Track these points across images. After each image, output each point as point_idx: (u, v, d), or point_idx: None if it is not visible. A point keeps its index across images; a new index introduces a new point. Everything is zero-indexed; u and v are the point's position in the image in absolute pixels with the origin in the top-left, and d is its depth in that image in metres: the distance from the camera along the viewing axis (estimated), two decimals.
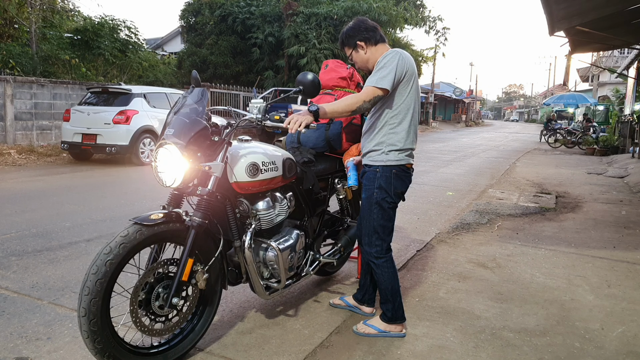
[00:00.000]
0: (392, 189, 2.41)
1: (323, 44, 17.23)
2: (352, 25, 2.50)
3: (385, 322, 2.55)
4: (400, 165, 2.42)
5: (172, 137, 2.09)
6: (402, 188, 2.46)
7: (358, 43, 2.47)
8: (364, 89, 2.33)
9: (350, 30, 2.49)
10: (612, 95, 23.57)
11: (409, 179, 2.48)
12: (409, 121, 2.41)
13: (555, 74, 60.69)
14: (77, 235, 4.34)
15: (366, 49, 2.48)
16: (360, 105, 2.28)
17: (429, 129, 31.22)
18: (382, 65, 2.32)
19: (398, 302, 2.53)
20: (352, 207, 3.41)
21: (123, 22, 16.07)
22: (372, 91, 2.29)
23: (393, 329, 2.54)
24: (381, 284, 2.53)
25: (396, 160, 2.41)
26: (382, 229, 2.46)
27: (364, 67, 2.55)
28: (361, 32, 2.46)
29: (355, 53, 2.51)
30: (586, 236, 4.78)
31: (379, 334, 2.54)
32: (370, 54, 2.48)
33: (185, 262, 2.10)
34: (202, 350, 2.34)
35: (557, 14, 5.94)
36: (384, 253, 2.50)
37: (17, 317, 2.67)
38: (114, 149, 9.11)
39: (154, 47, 27.00)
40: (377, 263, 2.50)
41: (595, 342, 2.54)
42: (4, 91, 10.73)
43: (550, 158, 13.81)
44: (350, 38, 2.49)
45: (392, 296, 2.51)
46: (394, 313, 2.52)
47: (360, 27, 2.46)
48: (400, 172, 2.43)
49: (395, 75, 2.29)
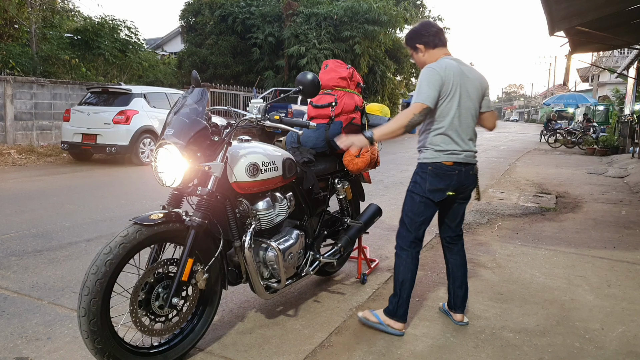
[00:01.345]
0: (427, 185, 2.48)
1: (323, 44, 17.22)
2: (416, 28, 2.62)
3: (386, 315, 2.58)
4: (436, 162, 2.48)
5: (172, 137, 2.09)
6: (440, 185, 2.48)
7: (417, 46, 2.58)
8: (413, 105, 2.40)
9: (412, 32, 2.61)
10: (612, 95, 23.58)
11: (451, 177, 2.49)
12: (447, 124, 2.46)
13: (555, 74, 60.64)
14: (77, 235, 4.34)
15: (424, 52, 2.57)
16: (410, 120, 2.37)
17: None
18: (420, 81, 2.44)
19: (403, 300, 2.55)
20: (352, 207, 3.42)
21: (123, 22, 16.09)
22: (418, 106, 2.39)
23: (392, 325, 2.56)
24: (395, 275, 2.59)
25: (432, 157, 2.49)
26: (410, 221, 2.54)
27: (421, 66, 2.60)
28: (422, 35, 2.56)
29: (415, 54, 2.63)
30: (586, 236, 4.78)
31: (379, 324, 2.59)
32: (427, 57, 2.57)
33: (185, 262, 2.10)
34: (202, 350, 2.34)
35: (557, 14, 5.93)
36: (407, 246, 2.55)
37: (17, 317, 2.67)
38: (114, 149, 9.11)
39: (154, 47, 26.99)
40: (398, 253, 2.58)
41: (595, 342, 2.54)
42: (4, 91, 10.73)
43: (550, 158, 13.82)
44: (410, 40, 2.61)
45: (400, 290, 2.55)
46: (396, 308, 2.55)
47: (422, 31, 2.57)
48: (437, 169, 2.48)
49: (433, 91, 2.39)
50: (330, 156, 3.11)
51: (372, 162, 3.14)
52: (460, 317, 2.73)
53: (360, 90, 3.18)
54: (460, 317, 2.73)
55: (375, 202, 3.53)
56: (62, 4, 17.64)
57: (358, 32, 17.38)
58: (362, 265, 3.46)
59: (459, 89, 2.45)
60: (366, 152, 3.08)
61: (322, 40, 17.26)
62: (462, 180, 2.52)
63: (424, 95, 2.38)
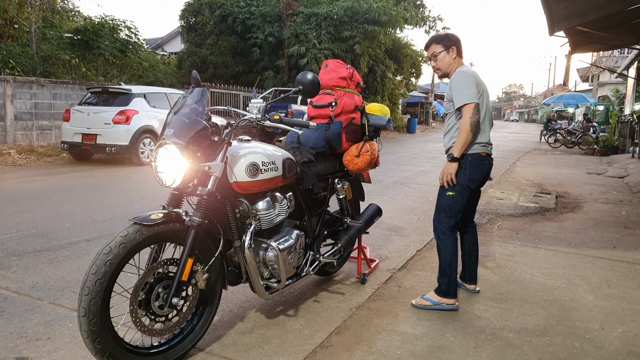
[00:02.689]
0: (467, 173, 2.81)
1: (323, 44, 17.22)
2: (454, 35, 2.98)
3: (439, 295, 2.89)
4: (475, 153, 2.83)
5: (172, 137, 2.09)
6: (477, 174, 2.84)
7: (453, 47, 2.92)
8: (465, 109, 2.74)
9: (452, 35, 2.97)
10: (612, 95, 23.57)
11: (484, 166, 2.88)
12: (481, 120, 2.81)
13: (555, 74, 60.70)
14: (77, 235, 4.34)
15: (455, 55, 2.93)
16: (471, 122, 2.72)
17: (429, 129, 31.22)
18: (459, 84, 2.80)
19: (453, 278, 2.86)
20: (352, 207, 3.42)
21: (123, 22, 16.10)
22: (471, 106, 2.74)
23: (446, 302, 2.87)
24: (442, 258, 2.89)
25: (472, 149, 2.82)
26: (450, 208, 2.84)
27: (444, 67, 2.95)
28: (458, 43, 2.95)
29: (446, 53, 2.92)
30: (586, 236, 4.78)
31: (434, 305, 2.89)
32: (455, 62, 2.94)
33: (185, 262, 2.10)
34: (202, 350, 2.34)
35: (557, 14, 5.93)
36: (450, 230, 2.86)
37: (17, 317, 2.67)
38: (114, 149, 9.11)
39: (154, 47, 26.99)
40: (441, 238, 2.89)
41: (595, 342, 2.54)
42: (4, 91, 10.73)
43: (550, 158, 13.82)
44: (449, 40, 2.94)
45: (449, 270, 2.85)
46: (448, 287, 2.86)
47: (459, 40, 2.97)
48: (476, 159, 2.83)
49: (475, 89, 2.77)
50: (330, 156, 3.11)
51: (372, 162, 3.15)
52: (474, 287, 3.18)
53: (360, 90, 3.18)
54: (474, 287, 3.18)
55: (375, 202, 3.54)
56: (62, 4, 17.64)
57: (358, 32, 17.38)
58: (362, 265, 3.46)
59: (484, 90, 2.86)
60: (366, 152, 3.08)
61: (322, 40, 17.26)
62: (489, 169, 2.92)
63: (470, 95, 2.73)
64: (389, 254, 4.03)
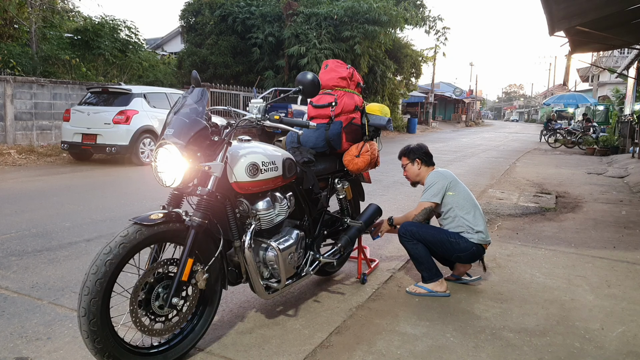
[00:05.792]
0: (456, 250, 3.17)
1: (323, 44, 17.21)
2: (417, 146, 3.36)
3: (427, 283, 3.10)
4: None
5: (172, 137, 2.09)
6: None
7: (417, 160, 3.30)
8: (420, 205, 3.20)
9: (415, 148, 3.35)
10: (612, 95, 23.54)
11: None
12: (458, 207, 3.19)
13: (555, 74, 60.60)
14: (77, 235, 4.34)
15: (420, 165, 3.30)
16: (416, 217, 3.18)
17: (429, 129, 31.23)
18: (430, 183, 3.17)
19: (429, 263, 3.11)
20: (352, 207, 3.42)
21: (123, 22, 16.08)
22: (426, 206, 3.17)
23: (438, 289, 3.09)
24: (411, 255, 3.19)
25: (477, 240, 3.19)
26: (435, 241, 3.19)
27: (412, 176, 3.35)
28: (422, 154, 3.31)
29: (411, 165, 3.32)
30: (586, 236, 4.78)
31: (428, 293, 3.10)
32: (421, 171, 3.31)
33: (185, 262, 2.10)
34: (202, 350, 2.34)
35: (557, 14, 5.93)
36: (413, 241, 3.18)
37: (17, 317, 2.67)
38: (114, 149, 9.11)
39: (154, 47, 26.98)
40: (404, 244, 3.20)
41: (595, 342, 2.54)
42: (4, 91, 10.73)
43: (550, 158, 13.81)
44: (413, 153, 3.32)
45: (419, 260, 3.12)
46: (429, 273, 3.10)
47: (422, 150, 3.32)
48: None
49: (440, 190, 3.15)
50: (330, 156, 3.11)
51: (372, 162, 3.15)
52: (465, 274, 3.39)
53: (360, 90, 3.18)
54: (465, 274, 3.39)
55: (375, 202, 3.53)
56: (62, 4, 17.63)
57: (358, 32, 17.38)
58: (362, 265, 3.46)
59: (458, 184, 3.21)
60: (366, 152, 3.08)
61: (322, 40, 17.26)
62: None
63: (430, 195, 3.16)
64: (389, 254, 4.04)
